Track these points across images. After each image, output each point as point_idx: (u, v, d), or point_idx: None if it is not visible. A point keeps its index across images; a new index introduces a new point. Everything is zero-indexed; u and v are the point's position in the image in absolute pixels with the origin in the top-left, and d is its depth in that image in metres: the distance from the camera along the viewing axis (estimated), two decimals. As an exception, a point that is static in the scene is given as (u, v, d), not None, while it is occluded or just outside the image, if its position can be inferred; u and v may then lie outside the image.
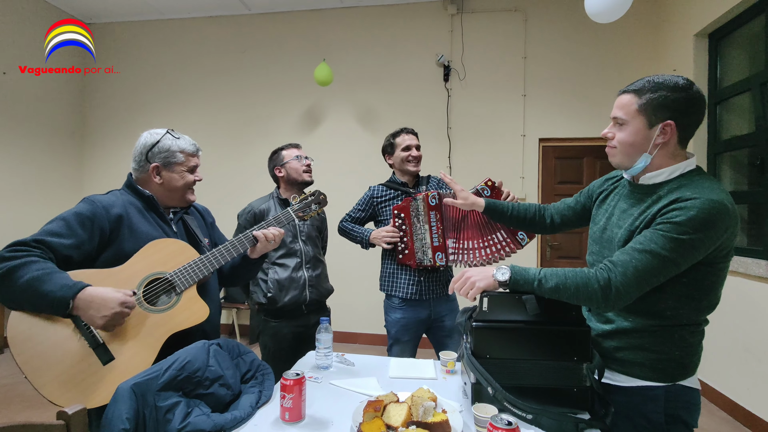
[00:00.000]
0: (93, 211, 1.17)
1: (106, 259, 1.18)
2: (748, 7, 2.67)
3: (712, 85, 3.09)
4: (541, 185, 3.87)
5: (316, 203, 1.58)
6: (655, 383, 1.04)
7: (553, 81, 3.81)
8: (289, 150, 2.01)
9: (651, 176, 1.06)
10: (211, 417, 0.99)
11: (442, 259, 1.83)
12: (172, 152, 1.31)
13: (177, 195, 1.34)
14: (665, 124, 1.01)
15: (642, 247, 0.97)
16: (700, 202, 0.93)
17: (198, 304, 1.24)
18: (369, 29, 4.10)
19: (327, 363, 1.42)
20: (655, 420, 1.03)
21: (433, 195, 1.83)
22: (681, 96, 1.00)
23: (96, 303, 1.05)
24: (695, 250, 0.94)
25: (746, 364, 2.51)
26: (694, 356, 1.05)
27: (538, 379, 1.06)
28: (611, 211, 1.16)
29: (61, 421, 0.83)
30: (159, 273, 1.21)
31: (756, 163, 2.63)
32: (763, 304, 2.40)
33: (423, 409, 0.99)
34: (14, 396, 2.77)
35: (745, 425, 2.48)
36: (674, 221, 0.94)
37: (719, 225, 0.93)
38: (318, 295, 1.98)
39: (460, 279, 1.12)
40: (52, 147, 4.28)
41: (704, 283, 1.01)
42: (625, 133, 1.07)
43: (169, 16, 4.43)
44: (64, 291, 1.03)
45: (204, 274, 1.27)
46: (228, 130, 4.33)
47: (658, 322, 1.04)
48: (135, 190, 1.30)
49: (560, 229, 1.44)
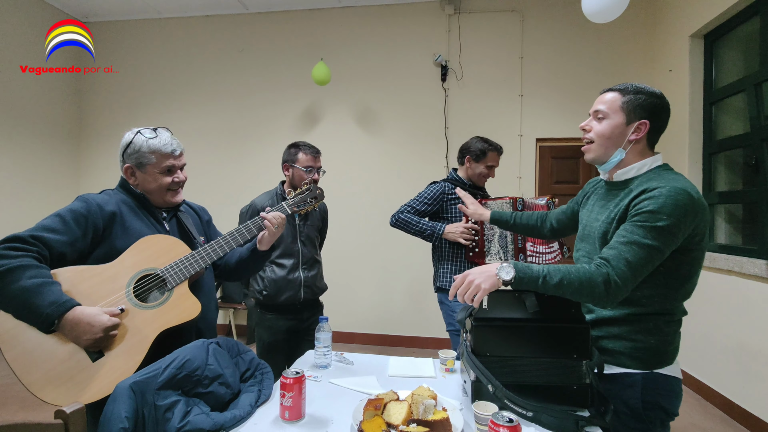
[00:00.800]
0: (87, 209, 1.17)
1: (98, 256, 1.18)
2: (743, 8, 2.70)
3: (707, 85, 3.11)
4: (538, 185, 3.88)
5: (312, 198, 1.54)
6: (633, 370, 1.09)
7: (550, 81, 3.82)
8: (306, 156, 1.95)
9: (622, 173, 1.17)
10: (211, 416, 0.99)
11: (523, 260, 1.95)
12: (143, 153, 1.26)
13: (155, 197, 1.31)
14: (641, 122, 1.13)
15: (626, 239, 1.02)
16: (666, 190, 1.02)
17: (189, 300, 1.23)
18: (367, 29, 4.10)
19: (326, 362, 1.42)
20: (633, 406, 1.08)
21: (520, 200, 1.96)
22: (657, 101, 1.13)
23: (82, 326, 1.04)
24: (673, 235, 1.01)
25: (741, 362, 2.53)
26: (670, 345, 1.10)
27: (538, 376, 1.07)
28: (591, 209, 1.26)
29: (59, 420, 0.82)
30: (150, 269, 1.20)
31: (750, 163, 2.65)
32: (759, 302, 2.42)
33: (423, 407, 0.99)
34: (9, 397, 2.75)
35: (741, 423, 2.50)
36: (647, 210, 1.02)
37: (688, 210, 1.00)
38: (312, 294, 2.02)
39: (462, 283, 1.06)
40: (48, 146, 4.25)
41: (680, 271, 1.07)
42: (604, 126, 1.16)
43: (166, 14, 4.40)
44: (52, 309, 1.01)
45: (196, 269, 1.25)
46: (225, 129, 4.32)
47: (635, 310, 1.09)
48: (127, 188, 1.30)
49: (561, 233, 1.53)
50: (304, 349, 1.75)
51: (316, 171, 1.96)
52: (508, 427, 0.80)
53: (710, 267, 2.79)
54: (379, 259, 4.05)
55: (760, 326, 2.40)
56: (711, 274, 2.80)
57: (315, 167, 1.95)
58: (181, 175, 1.34)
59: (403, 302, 4.01)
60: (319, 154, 2.01)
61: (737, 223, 2.96)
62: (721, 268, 2.68)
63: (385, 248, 4.03)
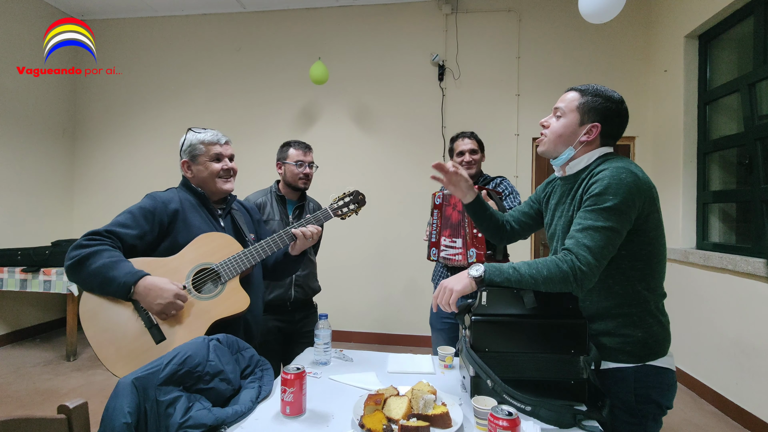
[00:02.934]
0: (154, 206, 1.32)
1: (164, 248, 1.32)
2: (737, 9, 2.73)
3: (701, 85, 3.14)
4: (534, 184, 3.91)
5: (354, 203, 1.61)
6: (626, 365, 1.10)
7: (546, 81, 3.84)
8: (296, 151, 1.99)
9: (573, 164, 1.20)
10: (213, 411, 0.99)
11: (435, 255, 1.93)
12: (194, 145, 1.44)
13: (209, 186, 1.45)
14: (593, 125, 1.15)
15: (581, 226, 1.06)
16: (609, 171, 1.06)
17: (239, 294, 1.34)
18: (364, 28, 4.11)
19: (326, 359, 1.43)
20: (626, 400, 1.09)
21: (439, 194, 1.94)
22: (611, 106, 1.15)
23: (154, 291, 1.19)
24: (623, 213, 1.03)
25: (735, 358, 2.56)
26: (657, 336, 1.11)
27: (536, 371, 1.08)
28: (553, 209, 1.28)
29: (62, 415, 0.82)
30: (206, 264, 1.33)
31: (744, 163, 2.69)
32: (752, 300, 2.45)
33: (423, 402, 1.00)
34: (6, 396, 2.73)
35: (734, 419, 2.53)
36: (594, 194, 1.06)
37: (633, 188, 1.04)
38: (303, 294, 2.00)
39: (439, 293, 1.12)
40: (43, 144, 4.22)
41: (642, 253, 1.09)
42: (558, 124, 1.20)
43: (162, 13, 4.39)
44: (128, 278, 1.18)
45: (246, 266, 1.36)
46: (223, 128, 4.24)
47: (611, 302, 1.11)
48: (189, 186, 1.45)
49: (520, 234, 1.46)
50: (297, 352, 1.67)
51: (307, 165, 1.98)
52: (508, 420, 0.81)
53: (704, 265, 2.82)
54: (377, 258, 4.06)
55: (754, 323, 2.43)
56: (705, 272, 2.83)
57: (305, 161, 1.98)
58: (230, 164, 1.48)
59: (401, 301, 4.02)
60: (310, 149, 2.04)
61: (731, 222, 3.00)
62: (715, 266, 2.71)
63: (383, 247, 4.04)
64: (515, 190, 2.09)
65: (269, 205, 1.98)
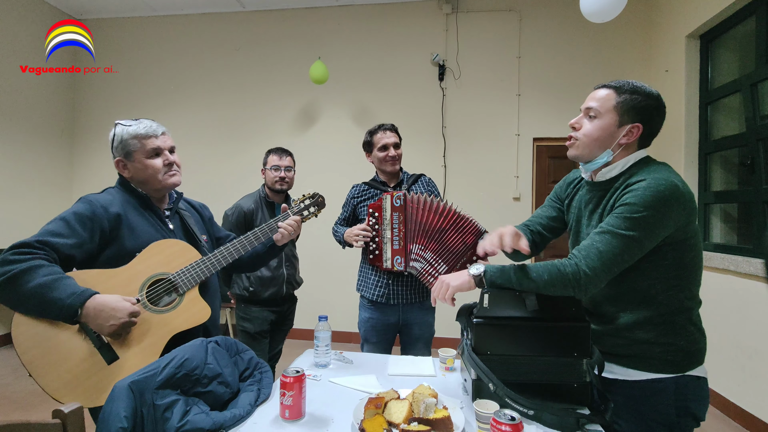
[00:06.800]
0: (92, 211, 1.16)
1: (108, 257, 1.18)
2: (739, 9, 2.71)
3: (703, 85, 3.13)
4: (535, 184, 3.89)
5: (314, 205, 1.60)
6: (665, 375, 1.04)
7: (547, 81, 3.83)
8: (273, 156, 2.16)
9: (606, 171, 1.11)
10: (210, 415, 0.98)
11: (401, 263, 1.73)
12: (125, 141, 1.25)
13: (152, 184, 1.28)
14: (634, 125, 1.05)
15: (601, 230, 1.01)
16: (647, 182, 0.98)
17: (200, 304, 1.26)
18: (364, 28, 4.10)
19: (325, 361, 1.42)
20: (665, 413, 1.03)
21: (398, 195, 1.74)
22: (653, 103, 1.05)
23: (105, 312, 1.06)
24: (653, 226, 0.97)
25: (737, 360, 2.55)
26: (698, 344, 1.07)
27: (538, 375, 1.06)
28: (578, 214, 1.20)
29: (57, 420, 0.81)
30: (162, 274, 1.22)
31: (746, 163, 2.67)
32: (754, 301, 2.43)
33: (424, 406, 0.99)
34: (3, 398, 2.71)
35: (737, 422, 2.52)
36: (627, 203, 0.99)
37: (672, 201, 0.96)
38: (292, 288, 2.25)
39: (437, 287, 1.13)
40: (42, 143, 4.20)
41: (684, 260, 1.04)
42: (593, 126, 1.09)
43: (161, 12, 4.37)
44: (73, 299, 1.03)
45: (206, 275, 1.28)
46: (222, 127, 4.29)
47: (654, 311, 1.05)
48: (128, 187, 1.29)
49: (550, 239, 1.38)
50: (279, 336, 2.27)
51: (283, 169, 2.14)
52: (511, 425, 0.80)
53: (706, 266, 2.81)
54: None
55: (756, 324, 2.42)
56: (706, 273, 2.79)
57: (281, 166, 2.14)
58: (172, 157, 1.30)
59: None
60: (287, 154, 2.18)
61: (732, 223, 2.98)
62: (717, 267, 2.70)
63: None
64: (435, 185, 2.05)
65: (260, 211, 2.14)
